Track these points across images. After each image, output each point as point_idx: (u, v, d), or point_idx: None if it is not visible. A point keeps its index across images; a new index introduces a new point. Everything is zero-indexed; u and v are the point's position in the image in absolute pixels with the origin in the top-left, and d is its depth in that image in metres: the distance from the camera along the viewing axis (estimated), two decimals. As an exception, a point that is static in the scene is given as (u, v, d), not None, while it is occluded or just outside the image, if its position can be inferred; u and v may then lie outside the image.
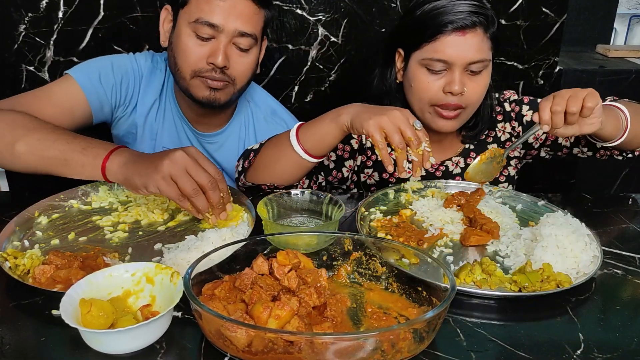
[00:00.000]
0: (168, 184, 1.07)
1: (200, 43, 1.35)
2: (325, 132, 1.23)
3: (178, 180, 1.07)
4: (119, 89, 1.49)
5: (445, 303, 0.76)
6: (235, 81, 1.41)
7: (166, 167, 1.07)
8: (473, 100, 1.34)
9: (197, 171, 1.08)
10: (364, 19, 1.89)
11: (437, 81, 1.31)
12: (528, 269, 0.96)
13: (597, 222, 1.22)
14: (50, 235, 1.12)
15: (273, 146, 1.32)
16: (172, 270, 0.87)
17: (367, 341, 0.72)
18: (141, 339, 0.79)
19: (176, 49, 1.39)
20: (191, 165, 1.08)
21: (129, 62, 1.53)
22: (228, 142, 1.59)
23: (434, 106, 1.34)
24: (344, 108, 1.22)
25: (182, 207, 1.10)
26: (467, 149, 1.51)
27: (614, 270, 1.03)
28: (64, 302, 0.79)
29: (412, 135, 1.10)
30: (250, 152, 1.36)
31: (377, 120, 1.11)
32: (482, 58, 1.30)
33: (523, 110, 1.50)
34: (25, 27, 1.79)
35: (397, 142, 1.10)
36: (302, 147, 1.25)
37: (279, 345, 0.71)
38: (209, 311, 0.74)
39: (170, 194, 1.07)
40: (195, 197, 1.08)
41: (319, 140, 1.25)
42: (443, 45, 1.28)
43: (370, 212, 1.24)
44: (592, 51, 2.50)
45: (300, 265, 0.91)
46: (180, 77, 1.40)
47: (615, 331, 0.86)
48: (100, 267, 0.95)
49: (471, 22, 1.27)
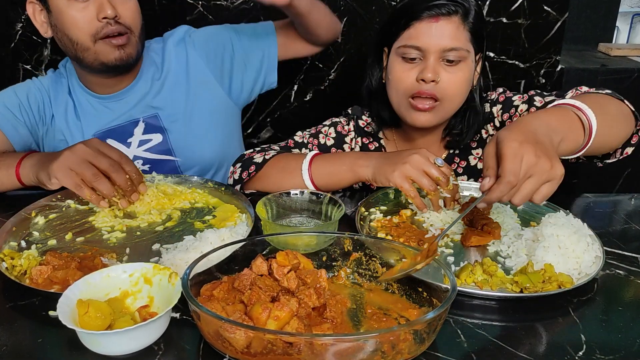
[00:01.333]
0: (65, 174, 1.12)
1: (82, 6, 1.34)
2: (342, 178, 1.26)
3: (76, 168, 1.11)
4: (30, 112, 1.49)
5: (446, 304, 0.76)
6: (131, 28, 1.40)
7: (64, 158, 1.13)
8: (448, 93, 1.30)
9: (97, 158, 1.13)
10: (364, 17, 1.89)
11: (411, 70, 1.30)
12: (529, 269, 0.96)
13: (599, 223, 1.22)
14: (47, 236, 1.12)
15: (280, 169, 1.32)
16: (170, 270, 0.87)
17: (367, 342, 0.72)
18: (139, 340, 0.79)
19: (63, 25, 1.36)
20: (90, 153, 1.13)
21: (30, 83, 1.53)
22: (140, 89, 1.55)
23: (409, 99, 1.31)
24: (361, 158, 1.24)
25: (83, 195, 1.13)
26: (452, 154, 1.49)
27: (616, 271, 1.03)
28: (61, 303, 0.79)
29: (439, 175, 1.13)
30: (251, 164, 1.34)
31: (402, 171, 1.14)
32: (457, 46, 1.27)
33: (494, 110, 1.43)
34: (22, 26, 1.79)
35: (427, 186, 1.13)
36: (313, 183, 1.28)
37: (278, 346, 0.71)
38: (207, 312, 0.74)
39: (68, 183, 1.12)
40: (96, 182, 1.11)
41: (333, 183, 1.28)
42: (417, 31, 1.28)
43: (370, 212, 1.24)
44: (594, 50, 2.50)
45: (300, 265, 0.91)
46: (83, 50, 1.38)
47: (618, 332, 0.86)
48: (97, 267, 0.95)
49: (446, 9, 1.26)
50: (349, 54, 1.94)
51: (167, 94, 1.55)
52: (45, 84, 1.53)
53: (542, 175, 0.90)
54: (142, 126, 1.54)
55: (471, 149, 1.48)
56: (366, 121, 1.50)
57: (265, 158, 1.34)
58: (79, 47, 1.38)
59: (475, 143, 1.48)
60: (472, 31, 1.29)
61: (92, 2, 1.34)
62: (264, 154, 1.36)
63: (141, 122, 1.53)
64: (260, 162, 1.34)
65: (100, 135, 1.51)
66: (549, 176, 0.91)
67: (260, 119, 2.05)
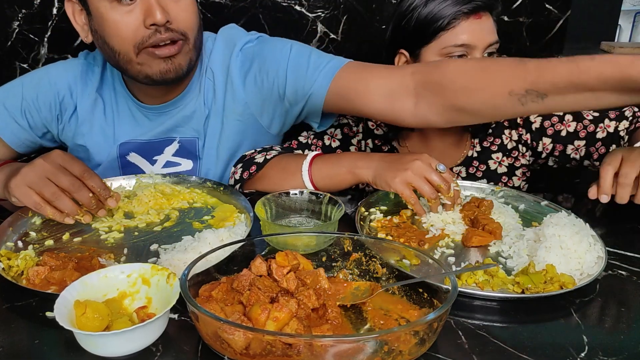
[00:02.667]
0: (24, 193, 1.07)
1: (126, 10, 1.17)
2: (342, 179, 1.25)
3: (35, 187, 1.06)
4: (35, 114, 1.38)
5: (446, 305, 0.76)
6: (186, 34, 1.22)
7: (21, 176, 1.07)
8: None
9: (56, 176, 1.07)
10: (364, 15, 1.89)
11: None
12: (531, 270, 0.96)
13: (602, 223, 1.22)
14: (44, 236, 1.12)
15: (280, 170, 1.31)
16: (168, 271, 0.87)
17: (367, 344, 0.72)
18: (137, 341, 0.79)
19: (105, 31, 1.20)
20: (49, 170, 1.07)
21: (48, 74, 1.39)
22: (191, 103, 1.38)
23: None
24: (362, 160, 1.23)
25: (44, 214, 1.09)
26: (470, 157, 1.50)
27: (618, 272, 1.03)
28: (58, 303, 0.79)
29: (440, 182, 1.12)
30: (252, 164, 1.33)
31: (403, 177, 1.13)
32: (497, 39, 1.34)
33: (531, 116, 1.47)
34: (19, 24, 1.79)
35: (428, 194, 1.13)
36: (313, 184, 1.27)
37: (277, 347, 0.71)
38: (206, 313, 0.74)
39: (27, 203, 1.07)
40: (57, 201, 1.07)
41: (333, 184, 1.27)
42: (463, 30, 1.30)
43: (371, 212, 1.24)
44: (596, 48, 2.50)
45: (299, 266, 0.91)
46: (126, 62, 1.22)
47: (620, 333, 0.86)
48: (95, 268, 0.95)
49: (484, 3, 1.31)
50: (348, 52, 1.94)
51: (213, 117, 1.38)
52: (70, 75, 1.38)
53: None
54: (176, 147, 1.41)
55: (491, 153, 1.49)
56: (376, 122, 1.49)
57: (266, 158, 1.34)
58: (122, 58, 1.22)
59: (496, 147, 1.50)
60: (496, 21, 1.36)
61: (138, 5, 1.16)
62: (265, 154, 1.36)
63: (176, 142, 1.40)
64: (262, 162, 1.33)
65: (128, 147, 1.40)
66: None
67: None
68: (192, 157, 1.42)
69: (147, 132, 1.40)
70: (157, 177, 1.37)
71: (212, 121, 1.38)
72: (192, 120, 1.39)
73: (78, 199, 1.08)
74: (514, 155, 1.51)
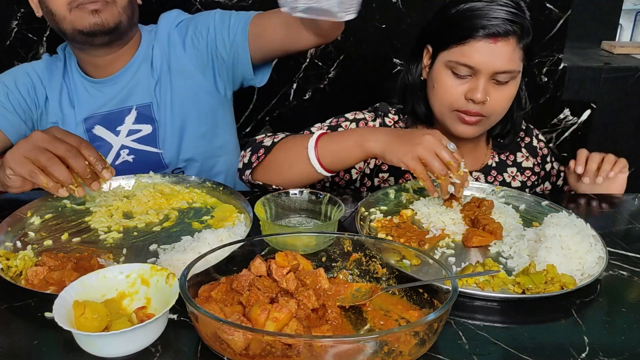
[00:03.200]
0: (19, 162, 1.08)
1: None
2: (349, 154, 1.19)
3: (30, 155, 1.07)
4: (19, 97, 1.50)
5: (447, 305, 0.76)
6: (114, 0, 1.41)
7: (17, 147, 1.09)
8: (496, 110, 1.32)
9: (53, 143, 1.08)
10: (364, 14, 1.89)
11: (460, 86, 1.29)
12: (532, 270, 0.96)
13: (603, 223, 1.22)
14: (43, 236, 1.12)
15: (287, 150, 1.28)
16: (167, 271, 0.87)
17: (367, 344, 0.72)
18: (136, 342, 0.79)
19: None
20: (46, 139, 1.08)
21: (18, 68, 1.55)
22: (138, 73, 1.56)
23: (455, 111, 1.32)
24: (370, 133, 1.19)
25: (38, 183, 1.09)
26: (489, 166, 1.50)
27: (619, 272, 1.03)
28: (57, 304, 0.79)
29: (450, 159, 1.10)
30: (260, 148, 1.31)
31: (414, 152, 1.09)
32: (511, 69, 1.27)
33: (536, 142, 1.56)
34: (18, 23, 1.79)
35: (438, 170, 1.09)
36: (320, 162, 1.21)
37: (277, 348, 0.71)
38: (205, 313, 0.74)
39: (22, 172, 1.08)
40: (51, 167, 1.07)
41: (340, 160, 1.21)
42: (472, 50, 1.25)
43: (371, 212, 1.24)
44: (597, 48, 2.50)
45: (299, 266, 0.91)
46: (61, 20, 1.40)
47: (621, 334, 0.86)
48: (94, 268, 0.95)
49: (504, 30, 1.23)
50: (348, 52, 1.94)
51: (159, 82, 1.55)
52: (37, 67, 1.54)
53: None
54: (134, 115, 1.54)
55: (507, 167, 1.52)
56: (393, 119, 1.48)
57: (274, 141, 1.30)
58: (57, 17, 1.39)
59: (511, 162, 1.52)
60: (525, 49, 1.29)
61: None
62: (273, 137, 1.32)
63: (134, 110, 1.54)
64: (269, 145, 1.29)
65: (92, 121, 1.52)
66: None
67: (259, 118, 2.05)
68: (150, 121, 1.55)
69: (105, 104, 1.53)
70: (156, 177, 1.37)
71: (163, 86, 1.55)
72: (142, 87, 1.54)
73: (74, 167, 1.08)
74: (527, 174, 1.53)
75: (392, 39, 1.93)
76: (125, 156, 1.53)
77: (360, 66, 1.94)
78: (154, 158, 1.55)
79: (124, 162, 1.54)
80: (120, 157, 1.54)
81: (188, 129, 1.57)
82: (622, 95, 2.13)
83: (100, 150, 1.43)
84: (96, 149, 1.40)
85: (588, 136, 2.18)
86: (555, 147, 2.17)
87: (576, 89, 2.11)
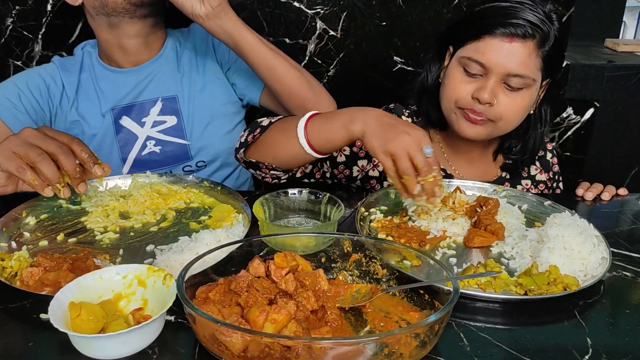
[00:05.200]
0: (7, 157, 1.06)
1: None
2: (335, 135, 1.15)
3: (20, 150, 1.06)
4: (30, 97, 1.52)
5: (448, 306, 0.76)
6: None
7: (7, 141, 1.08)
8: (505, 116, 1.28)
9: (45, 140, 1.07)
10: (364, 12, 1.89)
11: (469, 84, 1.27)
12: (534, 271, 0.96)
13: (606, 223, 1.22)
14: (38, 237, 1.12)
15: (280, 130, 1.25)
16: (164, 272, 0.87)
17: (367, 346, 0.72)
18: (133, 344, 0.79)
19: None
20: (37, 135, 1.08)
21: (30, 71, 1.58)
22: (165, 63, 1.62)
23: (460, 108, 1.30)
24: (358, 113, 1.14)
25: (25, 179, 1.07)
26: (503, 178, 1.49)
27: (623, 273, 1.03)
28: (52, 305, 0.79)
29: (420, 162, 1.05)
30: (258, 127, 1.28)
31: (386, 146, 1.06)
32: (524, 73, 1.23)
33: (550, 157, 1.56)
34: (13, 21, 1.79)
35: (402, 168, 1.05)
36: (308, 142, 1.18)
37: (275, 350, 0.71)
38: (203, 315, 0.74)
39: (9, 167, 1.06)
40: (40, 163, 1.05)
41: (326, 140, 1.18)
42: (486, 47, 1.23)
43: (371, 213, 1.24)
44: (600, 45, 2.50)
45: (298, 267, 0.91)
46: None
47: (625, 336, 0.86)
48: (90, 269, 0.95)
49: (523, 31, 1.21)
50: (348, 49, 1.94)
51: (187, 78, 1.61)
52: (50, 69, 1.57)
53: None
54: (160, 106, 1.59)
55: (521, 179, 1.52)
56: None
57: (271, 121, 1.28)
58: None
59: (526, 174, 1.52)
60: (545, 59, 1.26)
61: None
62: (271, 118, 1.30)
63: (159, 102, 1.59)
64: (266, 124, 1.28)
65: (117, 112, 1.56)
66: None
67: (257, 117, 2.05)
68: (175, 112, 1.60)
69: (129, 92, 1.58)
70: (153, 176, 1.37)
71: (192, 80, 1.62)
72: (167, 80, 1.60)
73: (64, 165, 1.07)
74: (540, 187, 1.53)
75: (393, 36, 1.93)
76: (152, 147, 1.58)
77: (360, 64, 1.94)
78: (181, 149, 1.60)
79: (152, 153, 1.58)
80: (146, 147, 1.58)
81: (214, 124, 1.63)
82: (626, 94, 2.13)
83: (126, 141, 1.55)
84: (122, 139, 1.53)
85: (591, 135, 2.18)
86: (558, 146, 2.17)
87: (579, 87, 2.10)
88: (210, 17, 1.34)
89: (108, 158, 1.53)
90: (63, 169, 1.07)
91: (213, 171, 1.65)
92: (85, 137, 1.56)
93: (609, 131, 2.18)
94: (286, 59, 1.46)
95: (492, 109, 1.27)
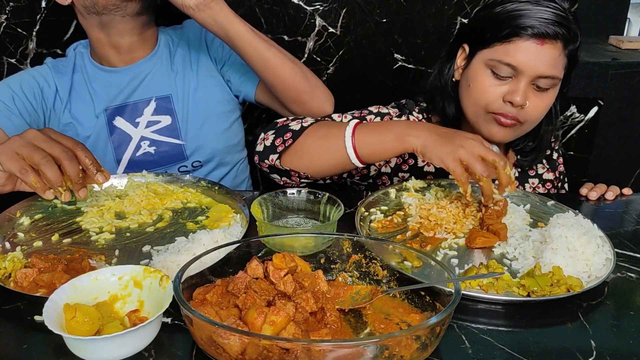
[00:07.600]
0: (10, 157, 1.06)
1: None
2: (389, 147, 1.18)
3: (23, 151, 1.06)
4: (24, 100, 1.51)
5: (449, 308, 0.76)
6: None
7: (10, 141, 1.08)
8: (532, 117, 1.30)
9: (49, 143, 1.07)
10: (364, 9, 1.89)
11: (499, 87, 1.27)
12: (537, 272, 0.96)
13: (610, 223, 1.22)
14: (32, 237, 1.12)
15: (321, 137, 1.25)
16: (161, 273, 0.87)
17: (367, 348, 0.72)
18: (129, 346, 0.79)
19: None
20: (41, 137, 1.08)
21: (24, 73, 1.58)
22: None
23: (490, 113, 1.29)
24: (412, 128, 1.17)
25: (26, 182, 1.07)
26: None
27: (627, 274, 1.03)
28: (47, 307, 0.79)
29: (496, 158, 1.09)
30: (287, 131, 1.27)
31: (456, 153, 1.09)
32: (554, 74, 1.25)
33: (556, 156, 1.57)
34: (7, 18, 1.79)
35: (480, 171, 1.08)
36: (357, 153, 1.20)
37: (274, 352, 0.71)
38: (200, 317, 0.74)
39: (12, 167, 1.06)
40: (44, 165, 1.05)
41: (378, 153, 1.20)
42: (517, 49, 1.23)
43: (371, 213, 1.24)
44: (604, 43, 2.50)
45: (297, 268, 0.91)
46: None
47: (629, 338, 0.86)
48: (85, 270, 0.95)
49: (553, 32, 1.22)
50: (348, 47, 1.94)
51: (180, 77, 1.61)
52: (42, 71, 1.57)
53: None
54: (154, 106, 1.58)
55: (529, 177, 1.53)
56: (417, 117, 1.47)
57: (303, 125, 1.27)
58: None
59: (534, 172, 1.53)
60: (569, 56, 1.27)
61: None
62: (300, 121, 1.29)
63: (153, 102, 1.58)
64: (298, 129, 1.26)
65: (110, 113, 1.56)
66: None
67: (256, 115, 2.04)
68: (169, 112, 1.59)
69: (122, 92, 1.57)
70: (149, 176, 1.37)
71: (186, 79, 1.61)
72: (161, 79, 1.60)
73: (67, 170, 1.07)
74: (547, 186, 1.54)
75: (393, 33, 1.93)
76: (147, 147, 1.57)
77: (360, 62, 1.94)
78: (176, 149, 1.59)
79: (146, 154, 1.57)
80: (141, 148, 1.57)
81: (210, 123, 1.62)
82: (630, 92, 2.13)
83: (120, 142, 1.54)
84: (116, 140, 1.53)
85: (595, 134, 2.18)
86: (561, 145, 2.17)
87: (583, 85, 2.10)
88: (200, 8, 1.32)
89: (102, 159, 1.52)
90: (66, 173, 1.07)
91: (209, 171, 1.65)
92: (79, 138, 1.52)
93: (613, 130, 2.18)
94: (280, 50, 1.45)
95: (523, 111, 1.27)
